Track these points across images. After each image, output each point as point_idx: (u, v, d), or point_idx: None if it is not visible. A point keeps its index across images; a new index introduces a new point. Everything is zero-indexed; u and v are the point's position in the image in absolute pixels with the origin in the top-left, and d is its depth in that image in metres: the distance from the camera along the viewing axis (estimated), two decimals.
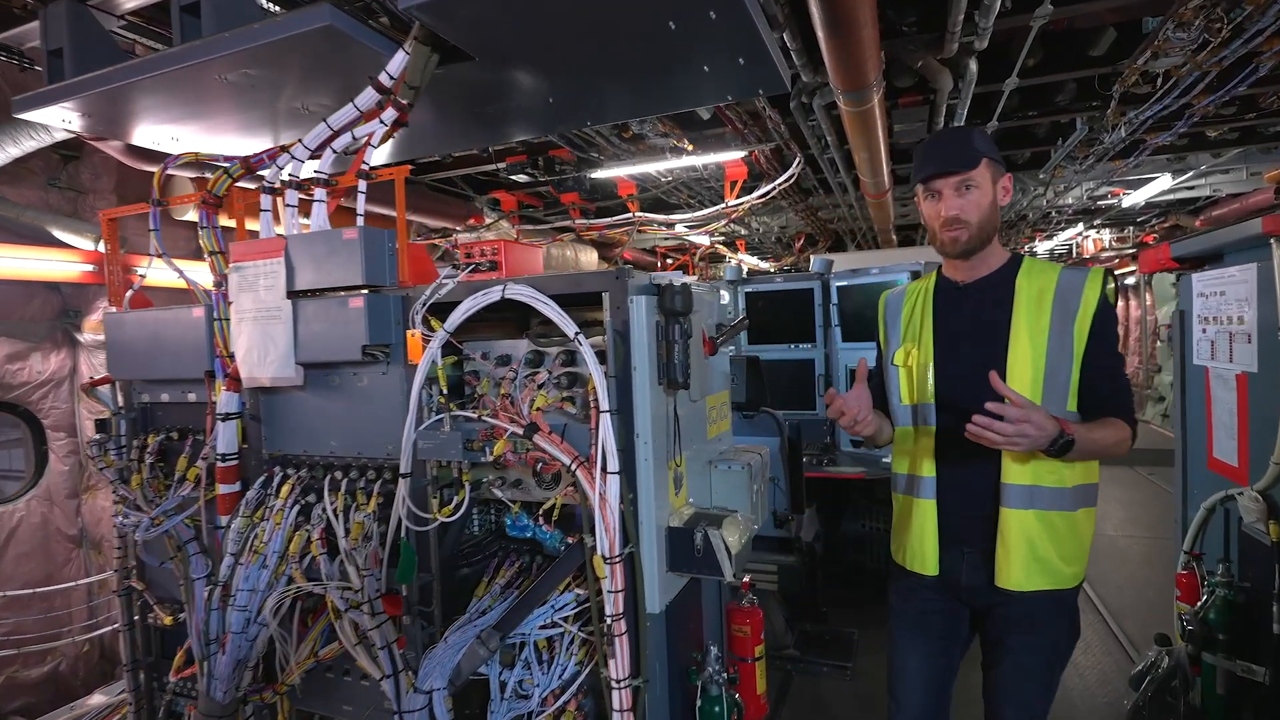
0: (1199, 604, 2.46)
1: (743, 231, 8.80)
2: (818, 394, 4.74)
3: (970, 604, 1.72)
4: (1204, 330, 2.73)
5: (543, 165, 4.60)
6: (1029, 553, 1.56)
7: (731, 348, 5.25)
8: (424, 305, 1.76)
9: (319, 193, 1.95)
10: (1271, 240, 2.13)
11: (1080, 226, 9.43)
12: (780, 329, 4.92)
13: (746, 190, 5.13)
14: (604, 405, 1.65)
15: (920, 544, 1.70)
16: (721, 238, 9.24)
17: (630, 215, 5.32)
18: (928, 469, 1.69)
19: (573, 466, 1.70)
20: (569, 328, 1.70)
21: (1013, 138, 5.08)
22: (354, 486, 1.83)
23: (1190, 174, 6.10)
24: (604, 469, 1.65)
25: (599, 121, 2.99)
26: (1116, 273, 12.70)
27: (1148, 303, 11.55)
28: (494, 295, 1.78)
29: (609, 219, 5.41)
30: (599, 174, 4.62)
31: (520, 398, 1.82)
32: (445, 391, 1.78)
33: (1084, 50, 3.57)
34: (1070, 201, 7.16)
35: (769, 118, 3.71)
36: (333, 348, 1.81)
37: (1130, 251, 11.45)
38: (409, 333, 1.77)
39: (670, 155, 4.33)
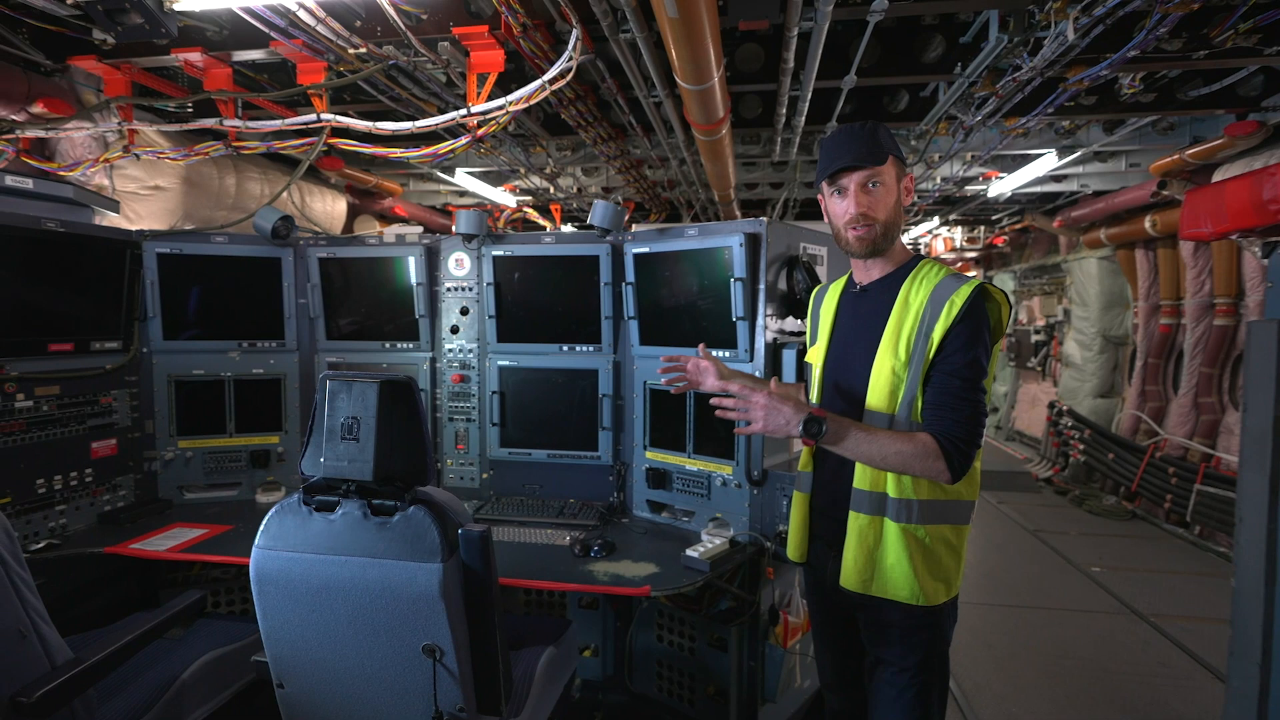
0: None
1: (556, 193, 6.82)
2: (601, 423, 2.90)
3: (840, 602, 1.70)
4: None
5: None
6: (867, 558, 1.55)
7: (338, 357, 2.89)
8: None
9: None
10: None
11: (935, 220, 8.49)
12: (547, 320, 3.02)
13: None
14: None
15: (794, 533, 1.81)
16: (529, 198, 7.22)
17: (314, 117, 3.17)
18: (808, 465, 1.77)
19: None
20: None
21: (898, 52, 3.48)
22: None
23: (1077, 153, 5.03)
24: None
25: None
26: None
27: None
28: None
29: (279, 121, 3.21)
30: (188, 3, 2.41)
31: None
32: None
33: None
34: (938, 182, 5.94)
35: None
36: None
37: (973, 255, 10.95)
38: None
39: None
